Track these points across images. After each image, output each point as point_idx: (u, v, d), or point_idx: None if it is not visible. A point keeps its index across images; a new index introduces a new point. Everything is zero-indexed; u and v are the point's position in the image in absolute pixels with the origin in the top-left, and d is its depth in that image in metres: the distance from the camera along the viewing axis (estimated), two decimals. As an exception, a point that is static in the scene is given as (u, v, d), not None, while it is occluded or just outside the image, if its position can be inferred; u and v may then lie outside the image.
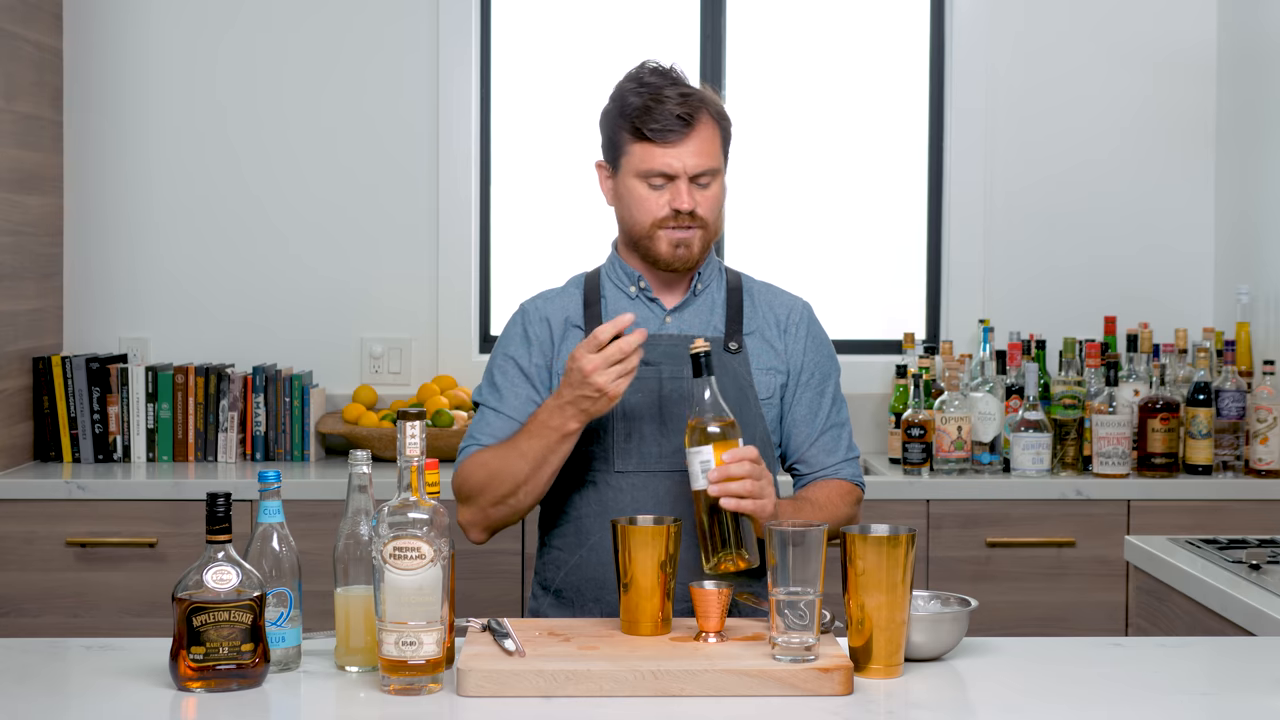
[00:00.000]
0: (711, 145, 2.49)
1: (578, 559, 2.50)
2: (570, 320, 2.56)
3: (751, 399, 2.52)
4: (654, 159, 2.46)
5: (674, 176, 2.47)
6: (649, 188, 2.48)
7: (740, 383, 2.51)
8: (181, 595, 1.93)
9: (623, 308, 2.55)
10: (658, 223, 2.48)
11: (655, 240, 2.49)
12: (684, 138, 2.46)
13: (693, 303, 2.57)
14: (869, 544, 1.99)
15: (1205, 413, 3.89)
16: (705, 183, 2.49)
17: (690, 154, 2.46)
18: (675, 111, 2.45)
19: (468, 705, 1.88)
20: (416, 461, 1.95)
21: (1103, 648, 2.18)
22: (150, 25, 4.30)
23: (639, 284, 2.56)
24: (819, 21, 4.51)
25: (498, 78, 4.44)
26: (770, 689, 1.91)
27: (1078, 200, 4.40)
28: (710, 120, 2.50)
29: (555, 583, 2.53)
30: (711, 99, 2.52)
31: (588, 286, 2.59)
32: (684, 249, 2.49)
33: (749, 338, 2.56)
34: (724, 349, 2.53)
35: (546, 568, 2.55)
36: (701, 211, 2.48)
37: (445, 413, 4.00)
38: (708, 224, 2.50)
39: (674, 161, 2.46)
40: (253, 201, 4.32)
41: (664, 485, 2.47)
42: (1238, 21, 4.29)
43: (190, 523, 3.72)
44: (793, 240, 4.50)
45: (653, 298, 2.56)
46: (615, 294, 2.57)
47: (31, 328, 4.07)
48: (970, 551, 3.80)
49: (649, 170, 2.47)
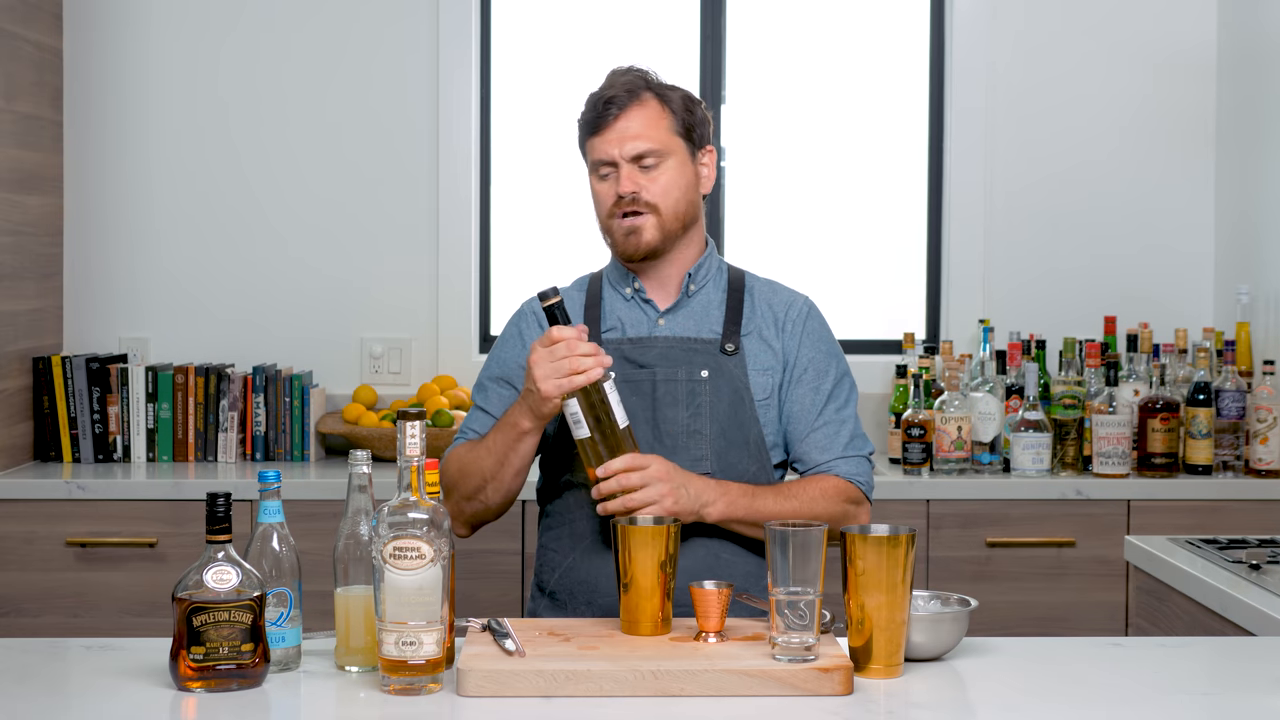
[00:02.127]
0: (652, 125, 2.46)
1: (571, 561, 2.50)
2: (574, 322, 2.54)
3: (747, 401, 2.50)
4: (594, 150, 2.49)
5: (615, 163, 2.46)
6: (599, 179, 2.49)
7: (736, 384, 2.50)
8: (181, 595, 1.93)
9: (618, 308, 2.55)
10: (609, 213, 2.48)
11: (611, 232, 2.50)
12: (614, 120, 2.45)
13: (686, 304, 2.55)
14: (869, 544, 1.99)
15: (1205, 413, 3.89)
16: (650, 164, 2.46)
17: (625, 136, 2.45)
18: (609, 96, 2.46)
19: (468, 705, 1.88)
20: (416, 461, 1.95)
21: (1103, 648, 2.18)
22: (150, 25, 4.30)
23: (634, 285, 2.55)
24: (819, 21, 4.51)
25: (498, 78, 4.44)
26: (770, 689, 1.91)
27: (1078, 200, 4.40)
28: (653, 99, 2.47)
29: (550, 584, 2.53)
30: (657, 81, 2.50)
31: (591, 288, 2.59)
32: (634, 236, 2.47)
33: (746, 338, 2.54)
34: (720, 351, 2.51)
35: (543, 569, 2.55)
36: (647, 196, 2.45)
37: (445, 413, 4.00)
38: (658, 208, 2.46)
39: (610, 147, 2.46)
40: (253, 201, 4.32)
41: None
42: (1238, 21, 4.29)
43: (190, 523, 3.72)
44: (793, 240, 4.50)
45: (647, 299, 2.55)
46: (612, 296, 2.57)
47: (31, 328, 4.07)
48: (970, 551, 3.80)
49: (595, 162, 2.49)
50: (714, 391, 2.48)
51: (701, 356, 2.50)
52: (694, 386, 2.48)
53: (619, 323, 2.54)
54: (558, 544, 2.53)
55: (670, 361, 2.49)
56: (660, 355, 2.50)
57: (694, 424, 2.48)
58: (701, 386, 2.48)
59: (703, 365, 2.49)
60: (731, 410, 2.48)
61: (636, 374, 2.48)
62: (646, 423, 2.47)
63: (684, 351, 2.50)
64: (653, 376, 2.48)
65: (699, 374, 2.49)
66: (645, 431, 2.47)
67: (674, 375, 2.48)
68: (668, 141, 2.47)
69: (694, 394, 2.48)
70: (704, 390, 2.48)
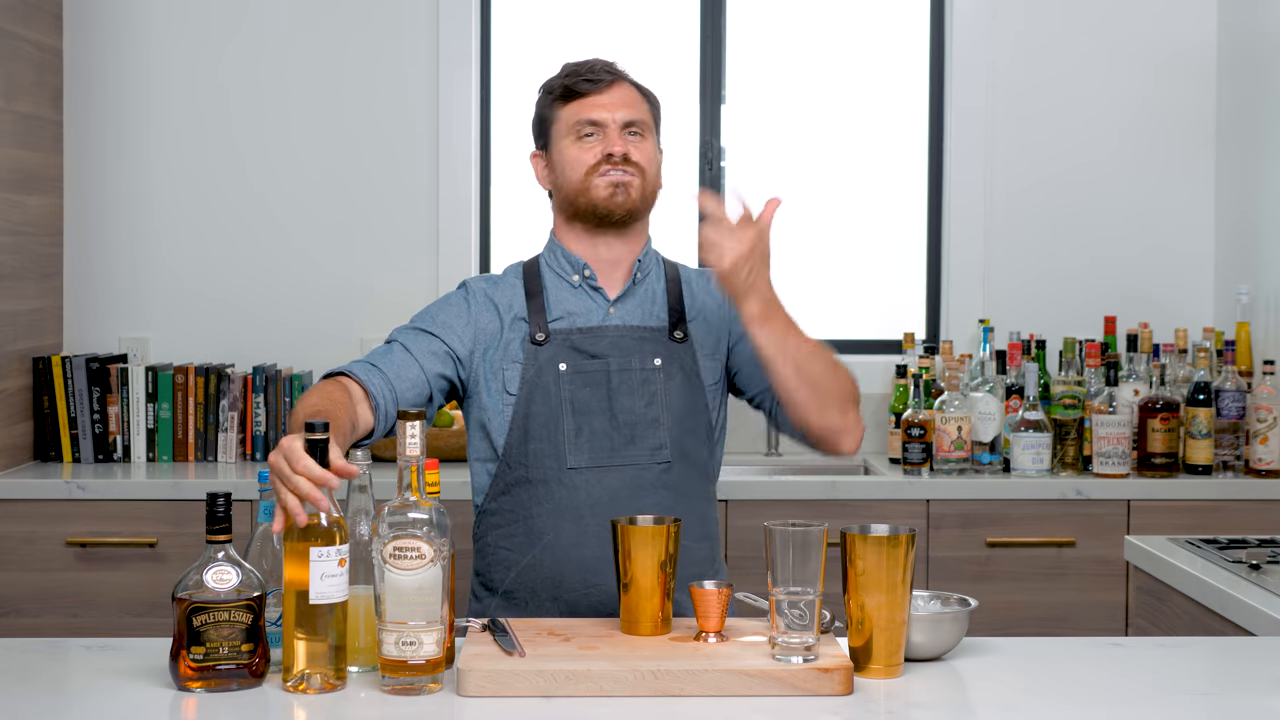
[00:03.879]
0: (640, 105, 2.52)
1: (530, 559, 2.45)
2: (507, 313, 2.52)
3: (699, 388, 2.50)
4: (582, 109, 2.49)
5: (604, 125, 2.48)
6: (579, 139, 2.50)
7: (688, 371, 2.50)
8: (181, 595, 1.93)
9: (564, 297, 2.52)
10: (591, 169, 2.48)
11: (592, 188, 2.48)
12: (611, 86, 2.50)
13: (634, 292, 2.54)
14: (869, 544, 1.99)
15: (1205, 413, 3.89)
16: (637, 132, 2.50)
17: (617, 102, 2.50)
18: (597, 67, 2.51)
19: (468, 705, 1.88)
20: (416, 461, 1.95)
21: (1103, 648, 2.18)
22: (151, 25, 4.30)
23: (583, 273, 2.53)
24: (819, 21, 4.51)
25: (498, 78, 4.44)
26: (770, 689, 1.91)
27: (1078, 200, 4.40)
28: (635, 88, 2.54)
29: (504, 584, 2.48)
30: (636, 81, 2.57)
31: (527, 275, 2.56)
32: (621, 192, 2.48)
33: (692, 324, 2.54)
34: (669, 338, 2.51)
35: (492, 569, 2.50)
36: (636, 157, 2.48)
37: (445, 413, 4.00)
38: (644, 172, 2.49)
39: (603, 110, 2.49)
40: (252, 201, 4.32)
41: (618, 479, 2.45)
42: (1238, 21, 4.29)
43: (190, 523, 3.72)
44: (793, 240, 4.50)
45: (596, 287, 2.53)
46: (556, 283, 2.54)
47: (31, 328, 4.07)
48: (970, 551, 3.80)
49: (579, 121, 2.49)
50: (668, 379, 2.48)
51: (652, 345, 2.50)
52: (648, 375, 2.48)
53: (566, 312, 2.52)
54: (511, 542, 2.47)
55: (623, 351, 2.48)
56: (612, 344, 2.49)
57: (650, 412, 2.47)
58: (655, 375, 2.48)
59: (654, 354, 2.49)
60: (686, 397, 2.48)
61: (590, 364, 2.47)
62: (603, 413, 2.45)
63: (635, 340, 2.50)
64: (607, 367, 2.47)
65: (652, 362, 2.48)
66: (602, 421, 2.45)
67: (628, 364, 2.48)
68: (648, 121, 2.54)
69: (648, 382, 2.47)
70: (658, 378, 2.48)
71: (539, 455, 2.45)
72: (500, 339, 2.50)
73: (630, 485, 2.44)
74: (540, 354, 2.47)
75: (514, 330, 2.50)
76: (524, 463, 2.46)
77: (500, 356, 2.49)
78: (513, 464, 2.47)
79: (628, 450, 2.45)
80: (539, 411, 2.45)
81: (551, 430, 2.45)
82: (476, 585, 2.54)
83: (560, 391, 2.46)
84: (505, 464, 2.48)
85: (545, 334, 2.48)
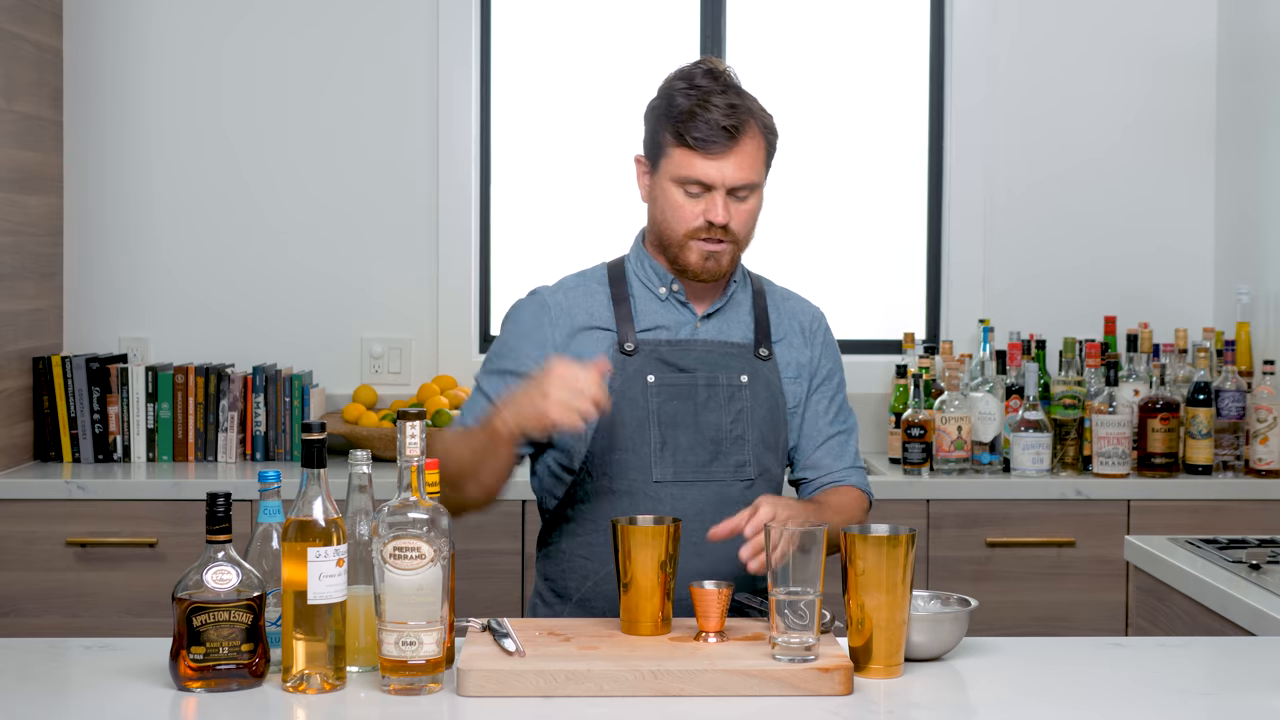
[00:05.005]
0: (754, 160, 2.42)
1: (609, 571, 2.40)
2: (595, 320, 2.48)
3: (781, 407, 2.50)
4: (694, 167, 2.39)
5: (712, 187, 2.40)
6: (685, 195, 2.41)
7: (772, 390, 2.49)
8: (181, 595, 1.93)
9: (652, 309, 2.50)
10: (690, 233, 2.42)
11: (686, 250, 2.43)
12: (727, 151, 2.39)
13: (725, 309, 2.53)
14: (869, 544, 1.99)
15: (1205, 413, 3.89)
16: (743, 196, 2.42)
17: (731, 167, 2.39)
18: (721, 122, 2.38)
19: (468, 705, 1.88)
20: (416, 461, 1.95)
21: (1103, 648, 2.18)
22: (151, 25, 4.30)
23: (671, 286, 2.50)
24: (819, 21, 4.51)
25: (498, 78, 4.44)
26: (770, 689, 1.91)
27: (1078, 200, 4.40)
28: (757, 133, 2.43)
29: (580, 593, 2.47)
30: (760, 112, 2.46)
31: (613, 282, 2.52)
32: (713, 262, 2.44)
33: (777, 345, 2.54)
34: (754, 355, 2.50)
35: (568, 576, 2.48)
36: (735, 226, 2.42)
37: (445, 413, 4.00)
38: (739, 239, 2.45)
39: (714, 173, 2.39)
40: (253, 201, 4.32)
41: (703, 494, 2.43)
42: (1238, 21, 4.29)
43: (190, 523, 3.72)
44: (793, 240, 4.50)
45: (684, 301, 2.50)
46: (644, 294, 2.51)
47: (31, 328, 4.07)
48: (970, 551, 3.80)
49: (687, 177, 2.40)
50: (754, 397, 2.47)
51: (739, 361, 2.49)
52: (734, 391, 2.47)
53: (655, 324, 2.49)
54: (589, 551, 2.46)
55: (710, 365, 2.47)
56: (699, 359, 2.47)
57: (736, 429, 2.46)
58: (742, 391, 2.47)
59: (741, 370, 2.48)
60: (769, 416, 2.48)
61: (678, 378, 2.45)
62: (689, 427, 2.44)
63: (722, 355, 2.48)
64: (695, 381, 2.46)
65: (739, 379, 2.47)
66: (688, 435, 2.43)
67: (716, 380, 2.46)
68: (761, 174, 2.45)
69: (734, 399, 2.46)
70: (744, 395, 2.47)
71: (623, 466, 2.43)
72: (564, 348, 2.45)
73: (715, 500, 2.43)
74: (629, 364, 2.45)
75: (581, 339, 2.46)
76: (608, 473, 2.44)
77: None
78: (595, 473, 2.44)
79: (712, 466, 2.44)
80: (625, 421, 2.43)
81: (637, 442, 2.43)
82: (545, 590, 2.53)
83: (648, 403, 2.44)
84: (587, 472, 2.46)
85: (634, 344, 2.46)
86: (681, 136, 2.39)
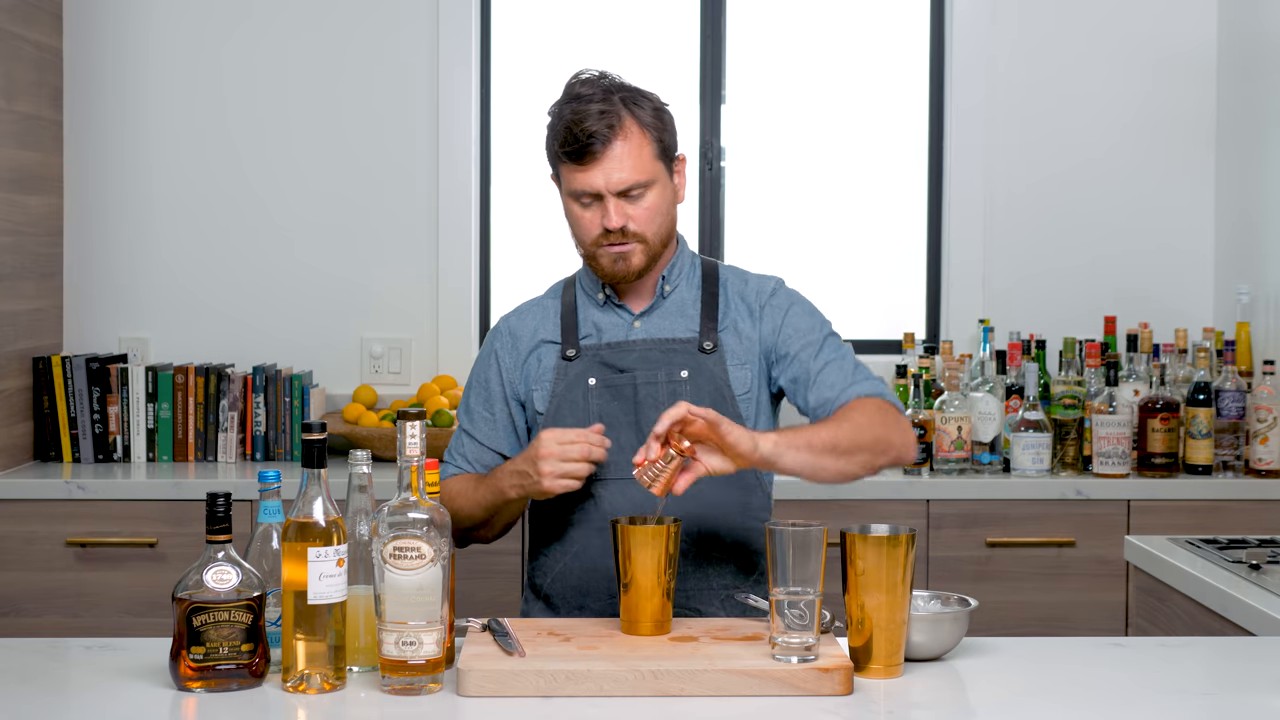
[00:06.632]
0: (636, 156, 2.42)
1: (562, 566, 2.51)
2: (542, 335, 2.56)
3: (728, 398, 2.50)
4: (577, 180, 2.43)
5: (602, 195, 2.43)
6: (581, 206, 2.46)
7: (716, 382, 2.50)
8: (181, 595, 1.93)
9: (593, 316, 2.55)
10: (594, 241, 2.46)
11: (596, 258, 2.48)
12: (602, 155, 2.40)
13: (661, 305, 2.55)
14: (869, 544, 1.99)
15: (1205, 413, 3.89)
16: (636, 195, 2.43)
17: (611, 170, 2.41)
18: (591, 129, 2.40)
19: (468, 705, 1.88)
20: (416, 461, 1.95)
21: (1103, 648, 2.18)
22: (151, 25, 4.30)
23: (605, 291, 2.55)
24: (819, 20, 4.51)
25: (498, 77, 4.44)
26: (770, 689, 1.91)
27: (1078, 200, 4.40)
28: (635, 128, 2.43)
29: (545, 588, 2.54)
30: (640, 103, 2.45)
31: (565, 296, 2.60)
32: (623, 263, 2.47)
33: (723, 333, 2.53)
34: (699, 350, 2.51)
35: (537, 573, 2.56)
36: (635, 226, 2.44)
37: (445, 413, 4.00)
38: (645, 236, 2.46)
39: (597, 180, 2.42)
40: (253, 201, 4.33)
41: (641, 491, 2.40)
42: (1238, 21, 4.29)
43: (190, 523, 3.72)
44: (793, 239, 4.50)
45: (619, 304, 2.55)
46: (586, 302, 2.57)
47: (31, 328, 4.07)
48: (970, 551, 3.80)
49: (578, 190, 2.44)
50: (695, 391, 2.48)
51: (680, 357, 2.50)
52: (675, 387, 2.48)
53: (594, 329, 2.54)
54: (548, 548, 2.55)
55: (649, 364, 2.50)
56: (639, 358, 2.50)
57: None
58: (682, 387, 2.48)
59: (682, 365, 2.50)
60: (713, 408, 2.48)
61: (617, 378, 2.49)
62: (629, 426, 2.47)
63: (662, 353, 2.51)
64: (633, 380, 2.49)
65: (679, 374, 2.49)
66: (629, 435, 2.46)
67: (654, 377, 2.48)
68: (650, 169, 2.44)
69: (675, 395, 2.47)
70: (685, 390, 2.48)
71: None
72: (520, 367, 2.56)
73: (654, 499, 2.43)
74: (570, 370, 2.51)
75: (540, 353, 2.55)
76: None
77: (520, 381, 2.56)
78: None
79: None
80: (567, 424, 2.46)
81: None
82: (526, 586, 2.61)
83: (588, 406, 2.48)
84: None
85: (576, 350, 2.52)
86: (562, 153, 2.44)
